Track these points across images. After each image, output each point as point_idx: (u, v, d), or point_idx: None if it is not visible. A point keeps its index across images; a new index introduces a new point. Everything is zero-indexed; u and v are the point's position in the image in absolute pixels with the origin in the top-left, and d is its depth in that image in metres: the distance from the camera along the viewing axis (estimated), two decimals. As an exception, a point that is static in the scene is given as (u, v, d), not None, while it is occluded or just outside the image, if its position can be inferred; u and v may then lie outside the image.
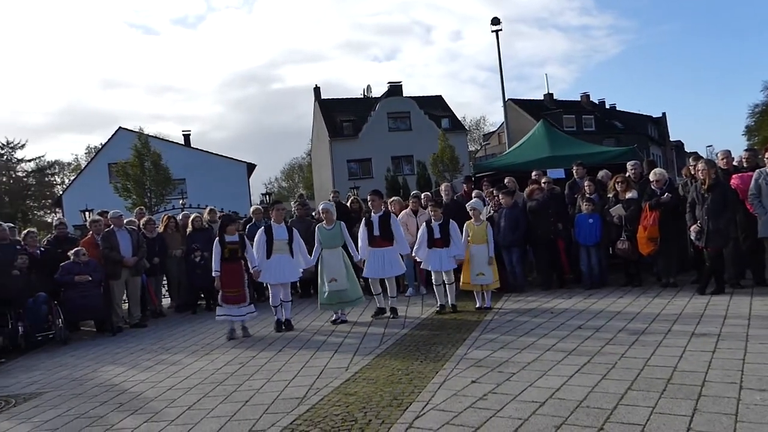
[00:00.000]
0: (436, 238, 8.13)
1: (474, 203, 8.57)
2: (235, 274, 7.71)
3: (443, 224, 8.18)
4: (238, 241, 7.79)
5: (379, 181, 37.34)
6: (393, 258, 8.20)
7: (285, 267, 7.88)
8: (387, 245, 8.16)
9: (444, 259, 8.11)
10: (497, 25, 21.84)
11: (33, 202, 57.93)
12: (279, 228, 8.02)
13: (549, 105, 54.55)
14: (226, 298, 7.64)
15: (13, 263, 8.39)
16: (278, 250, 7.87)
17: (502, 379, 4.81)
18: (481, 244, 8.14)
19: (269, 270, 7.87)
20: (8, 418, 5.16)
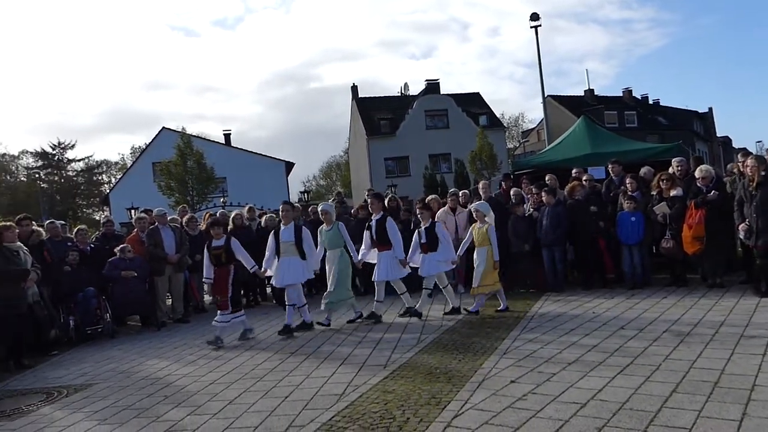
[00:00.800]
0: (422, 242, 8.06)
1: (478, 205, 8.32)
2: (219, 280, 7.46)
3: (429, 228, 8.06)
4: (222, 245, 7.47)
5: (417, 179, 37.30)
6: (391, 262, 8.02)
7: (290, 269, 7.67)
8: (384, 249, 8.03)
9: (429, 264, 7.99)
10: (536, 20, 21.53)
11: (82, 200, 59.96)
12: (285, 229, 7.80)
13: (590, 101, 53.49)
14: (218, 304, 7.55)
15: (64, 259, 8.71)
16: (285, 252, 7.69)
17: (542, 380, 4.76)
18: (481, 247, 7.91)
19: (275, 273, 7.80)
20: (61, 408, 5.37)
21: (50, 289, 8.16)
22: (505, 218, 9.59)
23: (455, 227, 9.77)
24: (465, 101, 46.35)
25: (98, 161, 62.32)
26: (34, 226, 8.65)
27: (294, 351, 6.70)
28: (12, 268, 7.04)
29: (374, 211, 8.25)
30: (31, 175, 57.81)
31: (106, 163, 63.25)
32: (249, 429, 4.32)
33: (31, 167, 58.13)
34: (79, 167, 60.10)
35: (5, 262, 7.01)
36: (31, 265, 7.32)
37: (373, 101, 47.49)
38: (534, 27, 21.59)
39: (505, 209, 9.85)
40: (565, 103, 51.36)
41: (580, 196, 9.13)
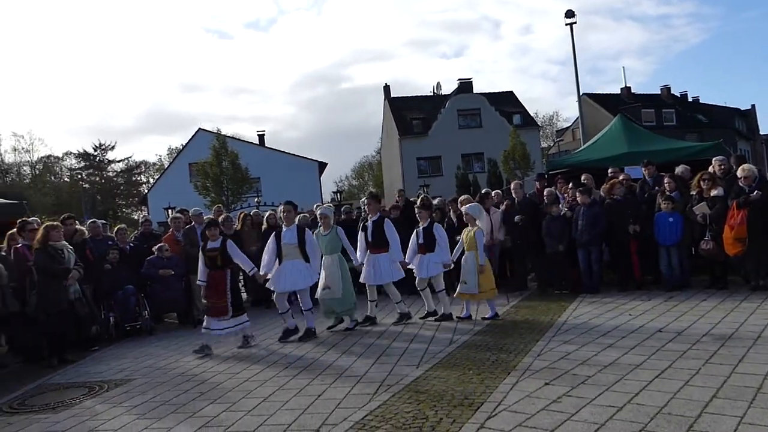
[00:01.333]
0: (419, 243, 7.92)
1: (467, 208, 8.09)
2: (217, 284, 7.11)
3: (427, 228, 7.91)
4: (218, 247, 7.15)
5: (449, 179, 37.16)
6: (386, 264, 7.83)
7: (294, 274, 7.35)
8: (380, 251, 7.85)
9: (426, 265, 7.84)
10: (571, 17, 21.23)
11: (122, 200, 61.50)
12: (288, 231, 7.50)
13: (626, 99, 52.40)
14: (211, 309, 7.16)
15: (105, 258, 8.96)
16: (288, 255, 7.38)
17: (577, 382, 4.69)
18: (469, 252, 7.75)
19: (276, 277, 7.43)
20: (102, 402, 5.53)
21: (92, 287, 8.38)
22: (539, 218, 9.50)
23: (490, 227, 9.70)
24: (498, 100, 45.96)
25: (137, 162, 63.94)
26: (77, 226, 8.91)
27: (327, 350, 6.74)
28: (55, 266, 7.27)
29: (371, 213, 8.04)
30: (73, 176, 59.67)
31: (144, 163, 64.82)
32: (282, 426, 4.37)
33: (73, 168, 59.98)
34: (119, 168, 61.76)
35: (50, 261, 7.24)
36: (74, 263, 7.54)
37: (406, 101, 47.46)
38: (569, 24, 21.29)
39: (539, 209, 9.75)
40: (600, 101, 50.45)
41: (618, 195, 8.97)
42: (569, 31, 21.38)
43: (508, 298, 9.03)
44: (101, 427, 4.79)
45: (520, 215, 9.59)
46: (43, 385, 6.42)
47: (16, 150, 55.95)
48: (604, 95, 53.54)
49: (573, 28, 21.34)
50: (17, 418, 5.28)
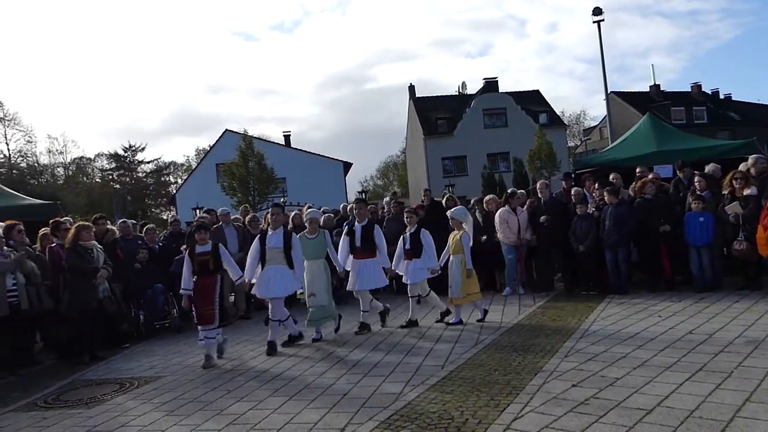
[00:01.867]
0: (406, 248, 7.81)
1: (453, 212, 8.02)
2: (207, 291, 6.71)
3: (414, 234, 7.81)
4: (209, 251, 6.81)
5: (475, 178, 36.94)
6: (374, 270, 7.70)
7: (276, 280, 7.02)
8: (368, 257, 7.68)
9: (413, 271, 7.74)
10: (599, 15, 20.95)
11: (151, 200, 62.53)
12: (274, 235, 7.15)
13: (655, 97, 51.42)
14: (199, 318, 6.70)
15: (135, 257, 9.12)
16: (271, 260, 7.04)
17: (605, 384, 4.63)
18: (456, 255, 7.69)
19: (260, 282, 7.11)
20: (133, 398, 5.64)
21: (122, 286, 8.55)
22: (565, 218, 9.40)
23: (517, 227, 9.62)
24: (524, 99, 45.58)
25: (166, 163, 64.95)
26: (108, 225, 9.10)
27: (352, 349, 6.77)
28: (84, 265, 7.42)
29: (360, 218, 7.88)
30: (105, 177, 60.87)
31: (173, 164, 65.82)
32: (308, 425, 4.40)
33: (104, 169, 61.19)
34: (148, 169, 62.84)
35: (79, 260, 7.40)
36: (103, 262, 7.69)
37: (430, 101, 47.35)
38: (597, 22, 21.02)
39: (566, 209, 9.64)
40: (629, 99, 49.66)
41: (649, 195, 8.82)
42: (596, 28, 21.12)
43: (535, 299, 8.95)
44: (132, 423, 4.88)
45: (546, 215, 9.50)
46: (76, 381, 6.58)
47: (51, 152, 57.31)
48: (632, 93, 52.68)
49: (600, 26, 21.07)
50: (52, 412, 5.41)
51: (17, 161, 53.17)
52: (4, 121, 50.97)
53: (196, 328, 6.85)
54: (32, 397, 6.02)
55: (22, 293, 7.09)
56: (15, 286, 7.05)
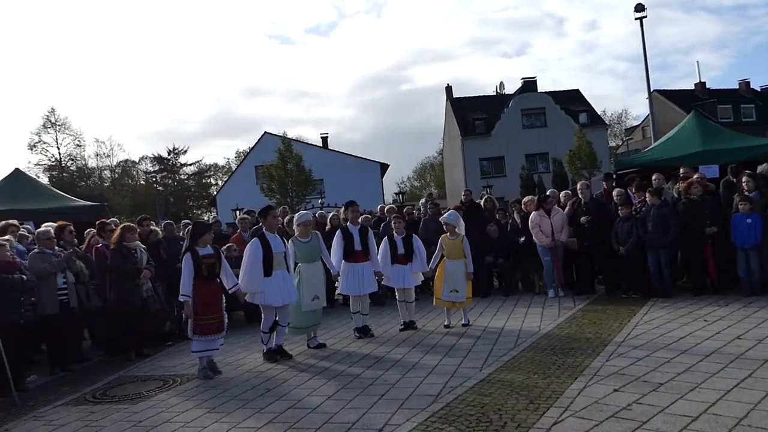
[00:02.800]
0: (399, 253, 7.80)
1: (447, 217, 8.02)
2: (214, 296, 6.39)
3: (406, 238, 7.84)
4: (213, 254, 6.43)
5: (513, 179, 36.53)
6: (370, 274, 7.61)
7: (288, 285, 6.81)
8: (365, 260, 7.60)
9: (407, 276, 7.80)
10: (641, 11, 20.47)
11: (192, 202, 63.91)
12: (275, 238, 6.88)
13: (701, 95, 49.92)
14: (202, 328, 6.23)
15: (177, 257, 9.33)
16: (279, 264, 6.75)
17: (648, 390, 4.53)
18: (456, 260, 7.68)
19: (273, 289, 6.65)
20: (175, 395, 5.78)
21: (165, 285, 8.76)
22: (607, 219, 9.22)
23: (551, 229, 9.49)
24: (563, 99, 44.83)
25: (207, 165, 66.27)
26: (152, 226, 9.34)
27: (390, 349, 6.78)
28: (128, 266, 7.64)
29: (353, 221, 7.81)
30: (149, 179, 62.51)
31: (214, 166, 67.13)
32: (346, 425, 4.43)
33: (149, 171, 62.85)
34: (190, 171, 64.27)
35: (123, 260, 7.62)
36: (146, 262, 7.91)
37: (468, 101, 47.02)
38: (639, 18, 20.54)
39: (607, 210, 9.46)
40: (673, 97, 48.34)
41: (695, 195, 8.57)
42: (638, 25, 20.63)
43: (575, 301, 8.81)
44: (175, 419, 5.00)
45: (587, 216, 9.34)
46: (122, 377, 6.78)
47: (98, 155, 59.27)
48: (676, 91, 51.24)
49: (643, 23, 20.58)
50: (100, 407, 5.59)
51: (67, 164, 55.15)
52: (56, 126, 52.98)
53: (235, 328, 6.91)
54: (81, 391, 6.23)
55: (72, 292, 7.35)
56: (65, 284, 7.31)
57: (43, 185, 15.93)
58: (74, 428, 5.03)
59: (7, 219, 8.50)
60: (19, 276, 6.53)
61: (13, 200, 11.55)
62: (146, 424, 4.94)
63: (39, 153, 53.11)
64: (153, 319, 8.23)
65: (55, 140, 53.33)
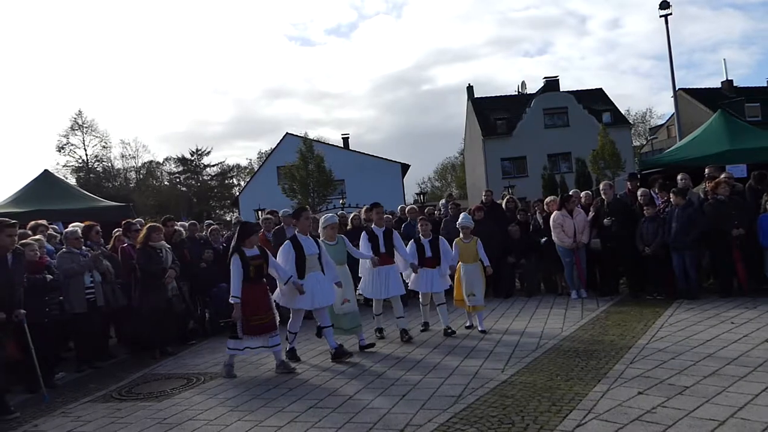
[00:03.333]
0: (426, 257, 7.58)
1: (462, 221, 7.86)
2: (264, 296, 6.35)
3: (433, 241, 7.66)
4: (260, 254, 6.33)
5: (535, 179, 36.27)
6: (396, 277, 7.50)
7: (323, 287, 6.65)
8: (390, 263, 7.48)
9: (435, 280, 7.56)
10: (666, 9, 20.16)
11: (215, 202, 64.61)
12: (308, 240, 6.75)
13: (728, 93, 48.89)
14: (251, 328, 6.20)
15: (201, 257, 9.45)
16: (312, 267, 6.63)
17: (674, 393, 4.46)
18: (472, 263, 7.59)
19: (310, 291, 6.54)
20: (199, 393, 5.85)
21: (188, 284, 8.87)
22: (631, 220, 9.10)
23: (573, 230, 9.39)
24: (586, 98, 44.33)
25: (230, 166, 66.96)
26: (176, 226, 9.47)
27: (410, 351, 6.78)
28: (153, 265, 7.74)
29: (378, 223, 7.68)
30: (173, 180, 63.36)
31: (237, 167, 67.80)
32: (367, 425, 4.44)
33: (172, 172, 63.71)
34: (213, 172, 64.99)
35: (149, 260, 7.73)
36: (171, 262, 8.01)
37: (489, 101, 46.76)
38: (664, 16, 20.24)
39: (632, 210, 9.34)
40: (698, 96, 47.42)
41: (722, 195, 8.42)
42: (661, 23, 20.33)
43: (598, 303, 8.71)
44: (199, 417, 5.06)
45: (610, 217, 9.23)
46: (147, 375, 6.88)
47: (124, 156, 60.27)
48: (702, 90, 50.26)
49: (668, 20, 20.28)
50: (125, 404, 5.69)
51: (94, 166, 56.17)
52: (83, 128, 54.01)
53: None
54: (108, 389, 6.34)
55: (99, 290, 7.49)
56: (92, 283, 7.45)
57: (71, 186, 16.24)
58: (101, 425, 5.12)
59: (36, 219, 8.71)
60: (42, 276, 6.66)
61: (42, 201, 11.81)
62: (170, 422, 5.01)
63: (67, 154, 54.28)
64: (177, 319, 8.34)
65: (82, 142, 54.44)
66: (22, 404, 5.89)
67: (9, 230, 5.86)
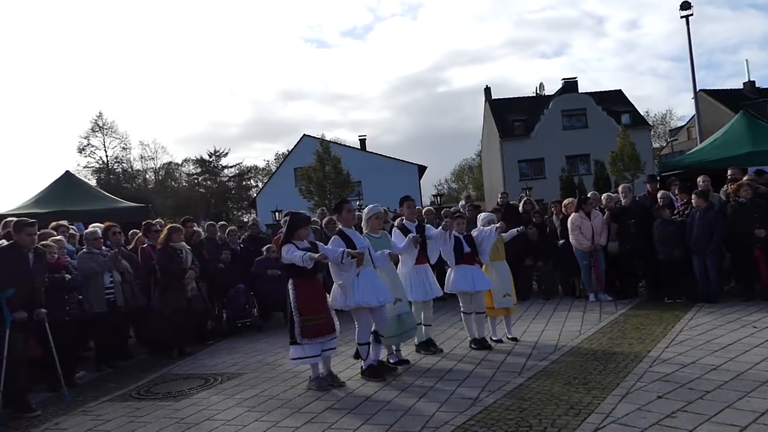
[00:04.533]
0: (465, 252, 6.75)
1: (485, 216, 7.29)
2: (318, 294, 5.76)
3: (468, 237, 6.87)
4: (311, 249, 5.66)
5: (553, 181, 36.03)
6: (433, 276, 6.77)
7: (377, 283, 5.86)
8: (425, 262, 6.72)
9: (476, 277, 6.69)
10: (687, 9, 19.94)
11: (233, 203, 65.08)
12: (355, 234, 6.10)
13: (750, 94, 48.11)
14: (310, 330, 5.54)
15: (219, 258, 9.53)
16: (365, 261, 5.78)
17: (694, 397, 4.40)
18: (498, 261, 7.04)
19: (363, 288, 5.70)
20: (216, 393, 5.90)
21: (206, 285, 8.95)
22: (650, 222, 9.00)
23: (591, 232, 9.31)
24: (605, 99, 43.95)
25: (248, 167, 67.39)
26: (195, 227, 9.56)
27: (421, 356, 6.75)
28: (174, 266, 7.82)
29: (409, 217, 6.83)
30: (191, 181, 63.96)
31: (254, 168, 68.24)
32: (384, 426, 4.44)
33: (191, 174, 64.32)
34: (231, 173, 65.47)
35: (169, 261, 7.81)
36: (190, 263, 8.09)
37: (507, 102, 46.53)
38: (684, 17, 20.03)
39: (651, 213, 9.23)
40: (720, 97, 46.73)
41: (744, 198, 8.29)
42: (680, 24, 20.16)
43: (617, 306, 8.62)
44: (216, 417, 5.10)
45: (630, 219, 9.12)
46: (165, 375, 6.95)
47: (143, 158, 60.97)
48: (723, 91, 49.53)
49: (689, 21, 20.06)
50: (144, 404, 5.75)
51: (114, 167, 56.91)
52: (103, 129, 54.76)
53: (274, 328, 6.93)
54: (126, 388, 6.42)
55: (118, 290, 7.59)
56: (112, 283, 7.54)
57: (92, 187, 16.49)
58: (120, 424, 5.18)
59: (58, 220, 8.84)
60: (61, 275, 6.76)
61: (63, 202, 12.01)
62: (188, 422, 5.06)
63: (87, 156, 55.03)
64: (196, 319, 8.42)
65: (102, 143, 55.18)
66: (43, 403, 5.98)
67: (28, 229, 5.96)
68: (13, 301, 5.64)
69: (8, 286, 5.63)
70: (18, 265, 5.83)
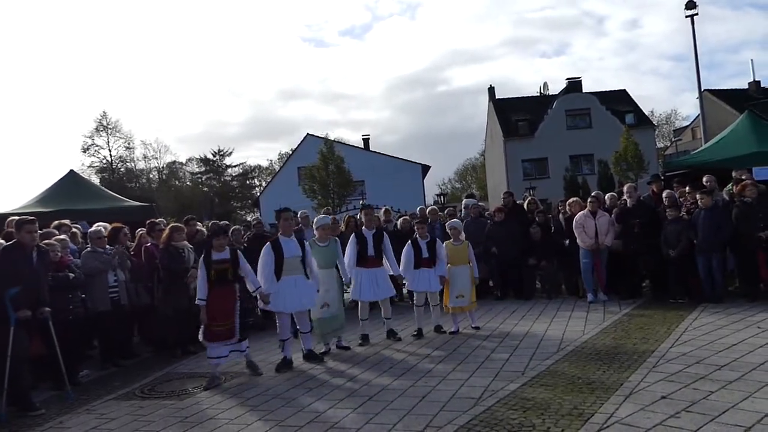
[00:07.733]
0: (424, 257, 7.69)
1: (453, 223, 8.14)
2: (225, 302, 6.27)
3: (431, 243, 7.76)
4: (228, 258, 6.28)
5: (557, 181, 35.96)
6: (385, 279, 7.61)
7: (300, 291, 6.56)
8: (378, 266, 7.59)
9: (432, 280, 7.70)
10: (692, 9, 19.87)
11: (236, 202, 65.19)
12: (290, 242, 6.61)
13: (755, 94, 47.89)
14: (212, 333, 6.22)
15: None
16: (292, 270, 6.53)
17: (698, 397, 4.39)
18: (461, 265, 7.82)
19: (280, 295, 6.50)
20: (219, 392, 5.90)
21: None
22: (655, 222, 8.97)
23: (595, 231, 9.28)
24: (609, 99, 43.83)
25: (251, 166, 67.52)
26: (198, 227, 9.56)
27: (429, 353, 6.76)
28: (176, 265, 7.82)
29: (368, 225, 7.74)
30: (194, 180, 64.08)
31: (258, 168, 68.35)
32: (387, 426, 4.44)
33: (195, 173, 64.41)
34: (235, 172, 65.59)
35: (171, 260, 7.81)
36: (193, 262, 8.08)
37: (510, 102, 46.46)
38: (689, 16, 19.96)
39: (655, 213, 9.21)
40: (724, 97, 46.55)
41: (749, 198, 8.26)
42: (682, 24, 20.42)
43: (621, 306, 8.60)
44: (219, 416, 5.11)
45: (634, 219, 9.09)
46: (169, 374, 6.95)
47: (146, 157, 61.12)
48: (728, 91, 49.33)
49: (694, 20, 19.99)
50: (148, 402, 5.76)
51: (117, 166, 57.06)
52: (107, 129, 54.92)
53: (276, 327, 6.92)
54: (131, 386, 6.43)
55: (122, 290, 7.60)
56: (116, 282, 7.56)
57: (96, 186, 16.53)
58: (124, 422, 5.19)
59: (62, 219, 8.86)
60: (65, 274, 6.77)
61: (68, 201, 12.04)
62: (192, 420, 5.07)
63: (92, 155, 55.19)
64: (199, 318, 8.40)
65: (106, 143, 55.32)
66: (47, 401, 6.00)
67: (28, 227, 5.95)
68: (16, 299, 5.66)
69: (12, 284, 5.64)
70: (21, 264, 5.83)
